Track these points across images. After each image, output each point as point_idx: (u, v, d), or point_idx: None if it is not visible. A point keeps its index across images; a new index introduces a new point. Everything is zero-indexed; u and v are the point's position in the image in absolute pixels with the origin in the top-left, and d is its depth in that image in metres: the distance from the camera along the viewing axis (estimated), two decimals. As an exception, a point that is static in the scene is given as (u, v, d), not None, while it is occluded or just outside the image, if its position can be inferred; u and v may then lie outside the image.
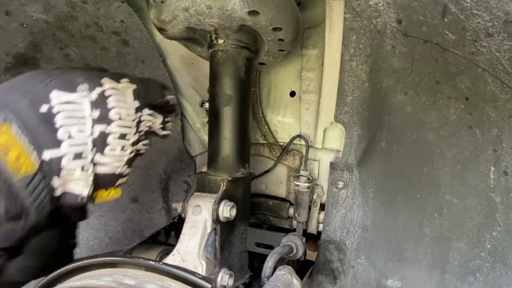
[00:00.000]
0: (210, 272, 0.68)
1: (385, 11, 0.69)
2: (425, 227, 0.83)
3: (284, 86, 1.03)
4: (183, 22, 0.71)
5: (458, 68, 0.70)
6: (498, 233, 0.76)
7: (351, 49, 0.79)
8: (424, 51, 0.71)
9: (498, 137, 0.72)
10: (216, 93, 0.79)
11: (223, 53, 0.78)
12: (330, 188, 0.94)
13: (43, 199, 0.41)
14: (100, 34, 0.92)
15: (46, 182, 0.40)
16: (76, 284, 0.54)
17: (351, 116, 0.86)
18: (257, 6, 0.64)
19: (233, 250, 0.78)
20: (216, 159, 0.79)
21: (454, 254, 0.81)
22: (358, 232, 0.92)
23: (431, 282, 0.84)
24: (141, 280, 0.52)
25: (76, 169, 0.43)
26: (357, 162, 0.89)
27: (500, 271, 0.77)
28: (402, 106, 0.80)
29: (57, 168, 0.41)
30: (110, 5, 0.88)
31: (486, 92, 0.69)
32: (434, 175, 0.80)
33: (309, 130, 1.01)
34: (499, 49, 0.62)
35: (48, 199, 0.41)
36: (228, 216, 0.70)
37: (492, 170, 0.74)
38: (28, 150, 0.38)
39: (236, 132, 0.79)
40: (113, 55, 0.97)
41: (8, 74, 0.83)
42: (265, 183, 1.10)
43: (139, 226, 1.12)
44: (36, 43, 0.84)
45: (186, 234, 0.70)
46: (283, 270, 0.65)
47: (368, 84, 0.81)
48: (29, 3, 0.80)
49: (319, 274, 0.95)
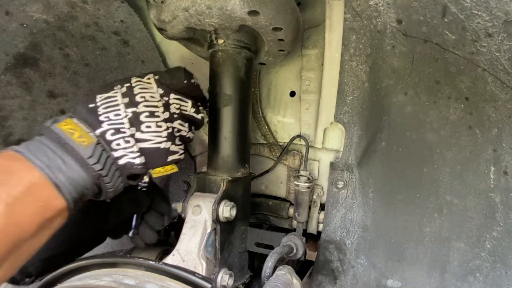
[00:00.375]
0: (210, 272, 0.68)
1: (385, 11, 0.69)
2: (425, 227, 0.83)
3: (284, 86, 1.03)
4: (183, 22, 0.71)
5: (458, 68, 0.70)
6: (498, 233, 0.76)
7: (351, 49, 0.79)
8: (424, 51, 0.71)
9: (498, 137, 0.72)
10: (216, 93, 0.79)
11: (223, 53, 0.78)
12: (330, 188, 0.94)
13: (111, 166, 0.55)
14: (100, 34, 0.92)
15: (107, 153, 0.55)
16: (76, 284, 0.54)
17: (351, 116, 0.86)
18: (257, 6, 0.64)
19: (233, 250, 0.78)
20: (216, 159, 0.79)
21: (454, 254, 0.81)
22: (358, 232, 0.92)
23: (431, 282, 0.84)
24: (141, 280, 0.53)
25: (119, 140, 0.56)
26: (357, 162, 0.89)
27: (500, 271, 0.77)
28: (402, 106, 0.80)
29: (106, 141, 0.55)
30: (110, 5, 0.88)
31: (486, 92, 0.69)
32: (434, 175, 0.80)
33: (309, 130, 1.01)
34: (499, 49, 0.62)
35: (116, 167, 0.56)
36: (228, 216, 0.70)
37: (492, 170, 0.74)
38: (86, 131, 0.54)
39: (236, 132, 0.79)
40: (113, 55, 0.97)
41: (8, 74, 0.83)
42: (265, 183, 1.10)
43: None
44: (36, 43, 0.84)
45: (186, 234, 0.70)
46: (283, 270, 0.65)
47: (368, 84, 0.81)
48: (29, 3, 0.80)
49: (319, 274, 0.95)
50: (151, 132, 0.60)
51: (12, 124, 0.86)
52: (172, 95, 0.66)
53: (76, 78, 0.94)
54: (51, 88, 0.91)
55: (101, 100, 0.58)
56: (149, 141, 0.59)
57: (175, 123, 0.65)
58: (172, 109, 0.65)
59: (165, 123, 0.62)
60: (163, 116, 0.62)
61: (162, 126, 0.61)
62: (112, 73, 1.00)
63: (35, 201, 0.46)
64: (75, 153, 0.51)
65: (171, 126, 0.64)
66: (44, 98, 0.90)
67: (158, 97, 0.63)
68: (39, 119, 0.90)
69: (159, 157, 0.61)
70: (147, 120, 0.59)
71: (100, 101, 0.58)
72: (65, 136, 0.51)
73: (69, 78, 0.93)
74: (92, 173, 0.53)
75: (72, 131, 0.52)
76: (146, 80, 0.64)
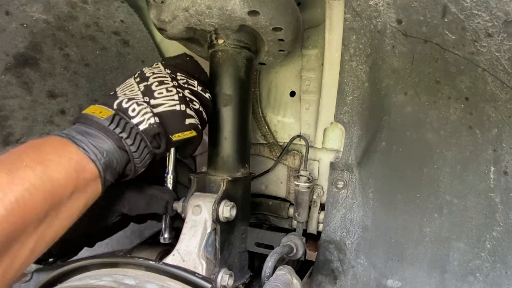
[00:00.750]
0: (210, 272, 0.68)
1: (385, 11, 0.69)
2: (425, 227, 0.83)
3: (284, 86, 1.03)
4: (183, 22, 0.71)
5: (458, 68, 0.70)
6: (498, 233, 0.76)
7: (351, 49, 0.79)
8: (424, 51, 0.71)
9: (498, 137, 0.72)
10: (216, 93, 0.79)
11: (223, 53, 0.78)
12: (330, 188, 0.94)
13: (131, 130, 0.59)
14: (100, 34, 0.92)
15: (126, 120, 0.60)
16: (76, 284, 0.54)
17: (351, 116, 0.86)
18: (257, 6, 0.64)
19: (233, 250, 0.78)
20: (216, 159, 0.79)
21: (454, 254, 0.81)
22: (358, 232, 0.92)
23: (431, 282, 0.84)
24: (141, 280, 0.52)
25: (134, 105, 0.61)
26: (357, 162, 0.89)
27: (500, 271, 0.77)
28: (402, 106, 0.80)
29: (123, 110, 0.60)
30: (110, 5, 0.88)
31: (486, 92, 0.69)
32: (434, 175, 0.80)
33: (309, 130, 1.01)
34: (499, 49, 0.62)
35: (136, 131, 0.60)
36: (228, 216, 0.70)
37: (492, 170, 0.74)
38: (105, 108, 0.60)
39: (236, 132, 0.79)
40: (113, 55, 0.97)
41: (8, 74, 0.83)
42: (265, 183, 1.10)
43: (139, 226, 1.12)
44: (36, 43, 0.84)
45: (186, 234, 0.70)
46: (283, 270, 0.65)
47: (368, 84, 0.81)
48: (29, 3, 0.80)
49: (319, 274, 0.95)
50: (163, 96, 0.64)
51: (12, 124, 0.86)
52: (179, 74, 0.71)
53: (76, 78, 0.94)
54: (51, 88, 0.91)
55: (119, 88, 0.67)
56: (163, 105, 0.64)
57: (186, 92, 0.69)
58: (180, 81, 0.70)
59: (175, 88, 0.66)
60: (172, 83, 0.67)
61: (173, 91, 0.65)
62: (112, 73, 1.00)
63: (67, 160, 0.51)
64: (97, 124, 0.57)
65: (182, 93, 0.67)
66: (44, 98, 0.90)
67: (166, 74, 0.69)
68: (39, 119, 0.90)
69: (176, 120, 0.65)
70: (157, 88, 0.65)
71: (118, 88, 0.67)
72: (88, 115, 0.59)
73: (69, 78, 0.93)
74: (114, 137, 0.57)
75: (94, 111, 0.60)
76: (155, 65, 0.72)
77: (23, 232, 0.45)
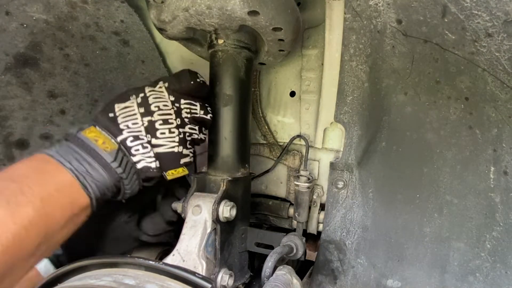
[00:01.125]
0: (210, 272, 0.68)
1: (385, 11, 0.69)
2: (425, 227, 0.83)
3: (284, 86, 1.03)
4: (183, 22, 0.71)
5: (458, 68, 0.70)
6: (498, 233, 0.76)
7: (351, 49, 0.79)
8: (424, 51, 0.71)
9: (498, 137, 0.72)
10: (216, 93, 0.79)
11: (223, 53, 0.78)
12: (330, 188, 0.94)
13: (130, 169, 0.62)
14: (100, 34, 0.92)
15: (128, 158, 0.62)
16: (76, 284, 0.54)
17: (351, 116, 0.86)
18: (257, 6, 0.64)
19: (233, 250, 0.78)
20: (216, 159, 0.79)
21: (454, 254, 0.81)
22: (358, 232, 0.92)
23: (431, 282, 0.84)
24: (141, 280, 0.52)
25: (138, 146, 0.63)
26: (357, 162, 0.89)
27: (500, 271, 0.77)
28: (402, 106, 0.80)
29: (127, 147, 0.62)
30: (110, 5, 0.88)
31: (486, 92, 0.69)
32: (434, 175, 0.80)
33: (309, 130, 1.01)
34: (499, 49, 0.62)
35: (134, 170, 0.63)
36: (228, 216, 0.70)
37: (492, 170, 0.74)
38: (108, 137, 0.61)
39: (236, 132, 0.79)
40: (113, 55, 0.97)
41: (8, 74, 0.83)
42: (265, 183, 1.10)
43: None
44: (36, 43, 0.84)
45: (186, 234, 0.70)
46: (283, 270, 0.65)
47: (368, 84, 0.81)
48: (29, 3, 0.80)
49: (319, 274, 0.95)
50: (165, 138, 0.66)
51: (12, 124, 0.87)
52: (182, 100, 0.71)
53: (76, 78, 0.94)
54: (51, 88, 0.91)
55: (120, 110, 0.65)
56: (163, 146, 0.66)
57: (187, 128, 0.71)
58: (184, 114, 0.71)
59: (177, 129, 0.68)
60: (176, 122, 0.68)
61: (175, 132, 0.68)
62: (112, 73, 1.00)
63: (65, 197, 0.53)
64: (100, 158, 0.58)
65: (183, 131, 0.70)
66: (44, 98, 0.90)
67: (170, 105, 0.69)
68: (39, 119, 0.90)
69: (172, 160, 0.68)
70: (161, 127, 0.66)
71: (118, 110, 0.65)
72: (90, 142, 0.59)
73: (69, 78, 0.93)
74: (114, 176, 0.60)
75: (96, 138, 0.60)
76: (158, 89, 0.70)
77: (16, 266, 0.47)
